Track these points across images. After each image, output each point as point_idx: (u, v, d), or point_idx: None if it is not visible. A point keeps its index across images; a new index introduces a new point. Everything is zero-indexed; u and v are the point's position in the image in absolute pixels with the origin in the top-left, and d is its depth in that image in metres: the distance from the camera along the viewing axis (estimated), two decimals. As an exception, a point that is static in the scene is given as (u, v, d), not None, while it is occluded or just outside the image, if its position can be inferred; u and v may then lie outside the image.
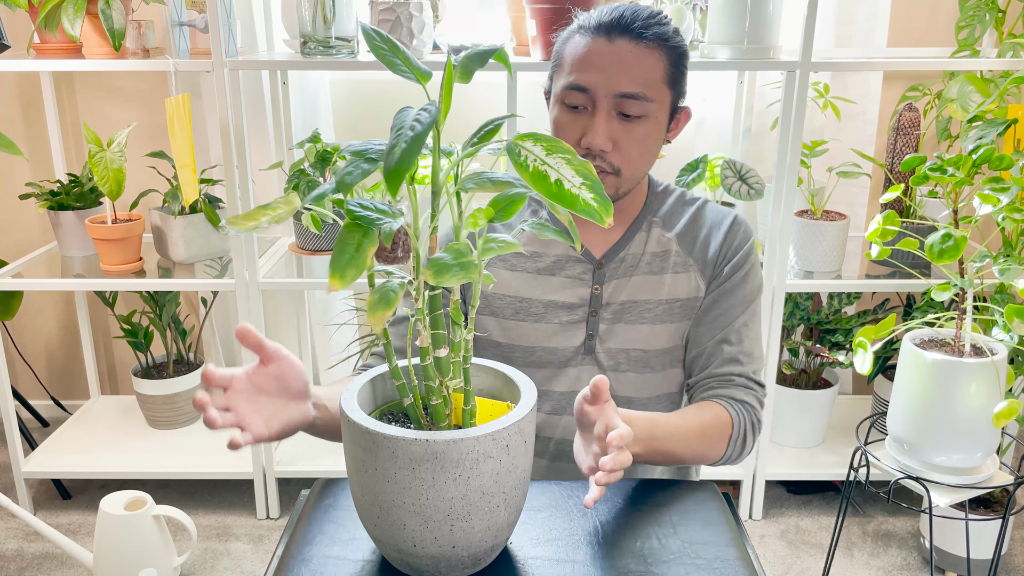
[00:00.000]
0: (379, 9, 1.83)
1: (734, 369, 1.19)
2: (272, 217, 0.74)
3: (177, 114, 1.90)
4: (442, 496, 0.78)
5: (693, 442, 1.10)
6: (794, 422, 2.32)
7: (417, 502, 0.78)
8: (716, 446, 1.13)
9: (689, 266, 1.22)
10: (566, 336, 1.21)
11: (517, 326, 1.22)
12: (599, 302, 1.21)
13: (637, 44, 1.11)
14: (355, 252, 0.71)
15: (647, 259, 1.22)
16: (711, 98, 2.38)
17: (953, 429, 1.40)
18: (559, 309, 1.21)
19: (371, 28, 0.77)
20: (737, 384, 1.19)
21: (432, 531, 0.79)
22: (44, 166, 2.51)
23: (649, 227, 1.24)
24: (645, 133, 1.13)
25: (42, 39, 2.02)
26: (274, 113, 2.35)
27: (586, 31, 1.13)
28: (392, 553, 0.84)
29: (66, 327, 2.68)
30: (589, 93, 1.11)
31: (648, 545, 0.91)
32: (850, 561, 2.08)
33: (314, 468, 2.24)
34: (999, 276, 1.44)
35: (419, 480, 0.77)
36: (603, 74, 1.10)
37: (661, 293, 1.21)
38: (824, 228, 2.07)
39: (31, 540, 2.15)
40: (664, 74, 1.12)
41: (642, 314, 1.21)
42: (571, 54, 1.14)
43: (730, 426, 1.14)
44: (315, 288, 2.45)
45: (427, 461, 0.76)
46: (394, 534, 0.81)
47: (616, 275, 1.21)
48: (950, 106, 1.94)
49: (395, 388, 0.88)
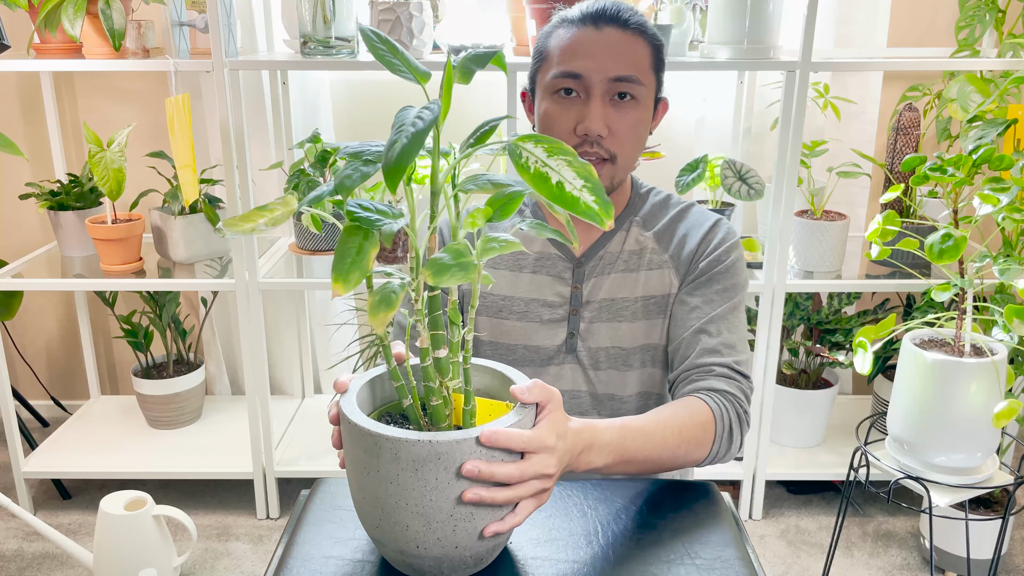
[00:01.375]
0: (379, 9, 1.83)
1: (713, 359, 1.15)
2: (270, 219, 0.74)
3: (177, 114, 1.90)
4: (445, 497, 0.78)
5: (671, 445, 1.03)
6: (794, 422, 2.32)
7: (420, 503, 0.78)
8: (700, 446, 1.06)
9: (664, 263, 1.23)
10: (548, 334, 1.22)
11: (500, 324, 1.23)
12: (579, 300, 1.22)
13: (624, 32, 1.14)
14: (356, 255, 0.70)
15: (624, 257, 1.23)
16: (711, 98, 2.38)
17: (953, 429, 1.40)
18: (541, 307, 1.22)
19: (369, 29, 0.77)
20: (717, 375, 1.14)
21: (435, 532, 0.79)
22: (44, 166, 2.51)
23: (629, 227, 1.25)
24: (637, 118, 1.16)
25: (42, 39, 2.02)
26: (274, 113, 2.35)
27: (570, 23, 1.15)
28: (394, 555, 0.84)
29: (66, 327, 2.68)
30: (583, 80, 1.13)
31: (648, 545, 0.91)
32: (850, 561, 2.08)
33: (314, 468, 2.24)
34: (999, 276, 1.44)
35: (422, 481, 0.77)
36: (595, 60, 1.12)
37: (637, 290, 1.22)
38: (824, 228, 2.07)
39: (31, 540, 2.15)
40: (650, 60, 1.16)
41: (619, 312, 1.21)
42: (558, 45, 1.15)
43: (712, 422, 1.08)
44: (315, 288, 2.46)
45: (430, 462, 0.76)
46: (396, 536, 0.80)
47: (594, 273, 1.22)
48: (950, 106, 1.94)
49: (394, 389, 0.88)
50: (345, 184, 0.71)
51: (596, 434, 0.93)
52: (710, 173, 2.08)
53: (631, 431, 0.99)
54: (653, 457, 1.01)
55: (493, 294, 1.23)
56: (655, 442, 1.01)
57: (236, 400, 2.60)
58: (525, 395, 0.84)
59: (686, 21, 1.96)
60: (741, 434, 1.12)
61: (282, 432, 2.40)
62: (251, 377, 2.12)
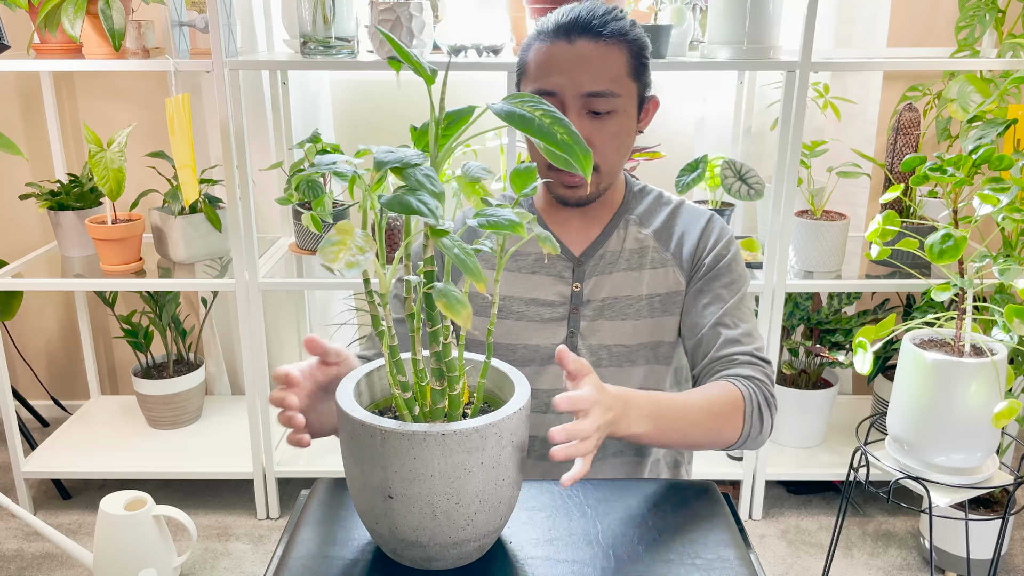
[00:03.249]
0: (379, 9, 1.83)
1: (736, 349, 1.17)
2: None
3: (177, 114, 1.90)
4: (444, 487, 0.79)
5: (704, 420, 1.06)
6: (794, 422, 2.32)
7: (419, 494, 0.79)
8: (731, 424, 1.09)
9: (667, 262, 1.24)
10: (548, 333, 1.22)
11: (499, 324, 1.23)
12: (580, 299, 1.22)
13: (597, 42, 1.13)
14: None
15: (626, 256, 1.24)
16: (711, 98, 2.38)
17: (953, 429, 1.40)
18: (540, 307, 1.23)
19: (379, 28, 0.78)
20: (742, 363, 1.16)
21: (436, 521, 0.80)
22: (44, 166, 2.51)
23: (626, 225, 1.25)
24: (617, 128, 1.16)
25: (42, 39, 2.02)
26: (274, 113, 2.35)
27: (545, 36, 1.15)
28: (393, 545, 0.84)
29: (66, 327, 2.68)
30: (557, 96, 1.13)
31: (648, 545, 0.91)
32: (850, 561, 2.08)
33: (314, 468, 2.24)
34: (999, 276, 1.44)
35: (419, 472, 0.78)
36: (567, 76, 1.12)
37: (641, 289, 1.22)
38: (824, 228, 2.07)
39: (31, 540, 2.15)
40: (627, 68, 1.15)
41: (623, 310, 1.22)
42: (534, 60, 1.16)
43: (742, 401, 1.10)
44: (315, 288, 2.46)
45: (426, 452, 0.77)
46: (395, 527, 0.81)
47: (596, 272, 1.23)
48: (950, 106, 1.94)
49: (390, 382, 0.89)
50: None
51: (632, 397, 0.98)
52: (710, 173, 2.08)
53: (665, 401, 1.03)
54: (689, 430, 1.05)
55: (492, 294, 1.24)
56: (688, 416, 1.05)
57: (236, 400, 2.60)
58: (569, 361, 0.90)
59: (686, 21, 1.96)
60: (772, 415, 1.14)
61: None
62: (251, 377, 2.12)
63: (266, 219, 2.47)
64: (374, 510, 0.82)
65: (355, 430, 0.80)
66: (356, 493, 0.85)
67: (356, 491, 0.84)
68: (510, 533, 0.93)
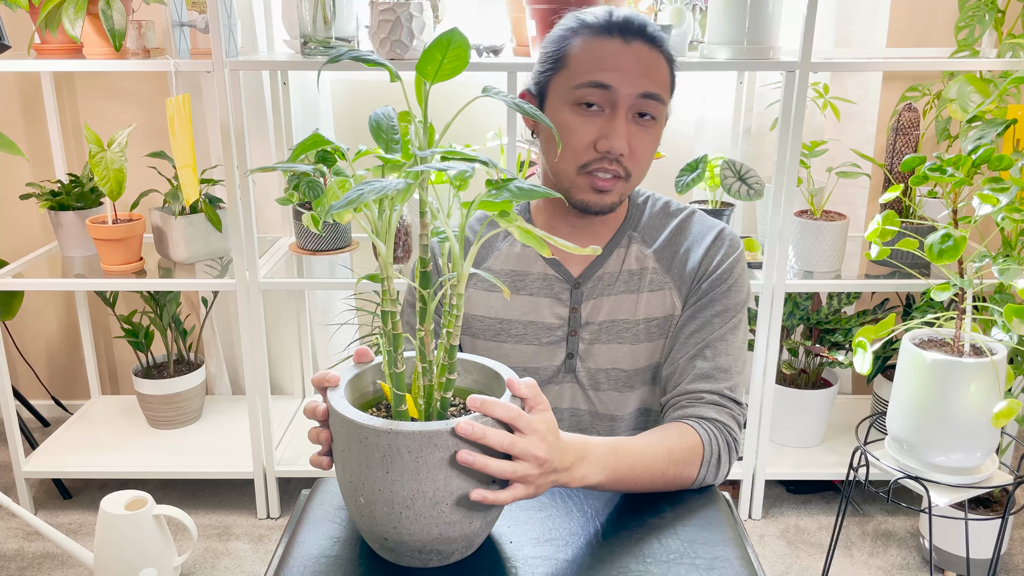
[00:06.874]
0: (379, 9, 1.83)
1: (704, 386, 1.13)
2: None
3: (177, 114, 1.90)
4: (435, 484, 0.79)
5: (661, 467, 1.02)
6: (794, 422, 2.32)
7: (409, 492, 0.79)
8: (687, 470, 1.05)
9: (665, 284, 1.20)
10: (547, 356, 1.21)
11: (498, 347, 1.21)
12: (578, 321, 1.20)
13: (651, 48, 1.11)
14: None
15: (624, 277, 1.20)
16: (711, 98, 2.39)
17: (952, 429, 1.40)
18: (539, 329, 1.20)
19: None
20: (707, 402, 1.12)
21: (425, 518, 0.80)
22: (44, 166, 2.51)
23: (629, 242, 1.21)
24: (653, 137, 1.14)
25: (43, 39, 2.02)
26: (274, 113, 2.36)
27: (595, 30, 1.11)
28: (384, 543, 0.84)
29: (67, 327, 2.68)
30: (611, 91, 1.09)
31: (648, 545, 0.91)
32: (850, 561, 2.08)
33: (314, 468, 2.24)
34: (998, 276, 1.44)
35: (411, 470, 0.78)
36: (625, 74, 1.09)
37: (638, 313, 1.19)
38: (824, 228, 2.07)
39: (31, 540, 2.15)
40: (669, 80, 1.14)
41: (620, 334, 1.19)
42: (582, 52, 1.11)
43: (700, 447, 1.06)
44: (315, 288, 2.46)
45: (418, 451, 0.78)
46: (387, 525, 0.81)
47: (593, 294, 1.20)
48: (949, 106, 1.95)
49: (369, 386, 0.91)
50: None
51: (588, 447, 0.93)
52: (710, 173, 2.08)
53: (621, 449, 0.98)
54: (644, 479, 1.00)
55: (490, 317, 1.22)
56: (644, 462, 1.00)
57: (236, 400, 2.61)
58: (519, 387, 0.85)
59: (686, 21, 1.96)
60: (730, 462, 1.10)
61: (282, 432, 2.40)
62: (251, 377, 2.12)
63: (266, 219, 2.47)
64: (359, 509, 0.83)
65: (347, 429, 0.81)
66: (345, 493, 0.85)
67: (345, 491, 0.85)
68: (509, 533, 0.93)
